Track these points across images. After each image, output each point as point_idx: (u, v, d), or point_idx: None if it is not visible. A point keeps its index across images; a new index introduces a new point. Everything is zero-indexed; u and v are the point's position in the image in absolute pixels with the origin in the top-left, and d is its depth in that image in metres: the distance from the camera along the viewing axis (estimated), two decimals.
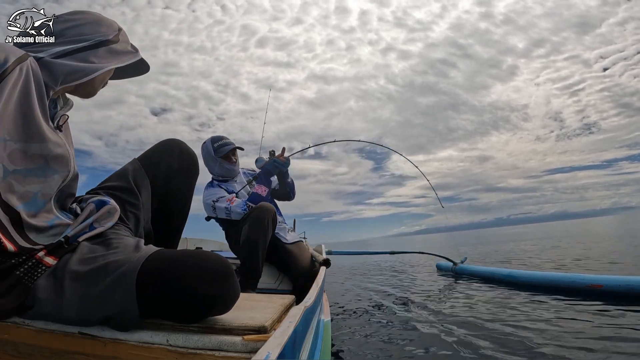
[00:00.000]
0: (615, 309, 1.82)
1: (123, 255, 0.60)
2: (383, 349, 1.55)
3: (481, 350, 1.40)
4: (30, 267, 0.58)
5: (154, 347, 0.52)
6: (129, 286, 0.55)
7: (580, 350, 1.29)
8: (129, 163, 0.86)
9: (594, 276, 2.38)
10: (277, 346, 0.38)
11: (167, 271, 0.57)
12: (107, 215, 0.72)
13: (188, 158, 0.93)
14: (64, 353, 0.55)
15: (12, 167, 0.57)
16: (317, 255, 1.92)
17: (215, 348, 0.52)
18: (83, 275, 0.57)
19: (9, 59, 0.55)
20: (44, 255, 0.59)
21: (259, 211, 1.63)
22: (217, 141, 1.90)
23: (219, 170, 1.93)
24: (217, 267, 0.58)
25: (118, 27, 0.74)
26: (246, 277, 1.56)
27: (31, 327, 0.57)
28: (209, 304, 0.57)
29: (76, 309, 0.55)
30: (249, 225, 1.60)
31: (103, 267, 0.58)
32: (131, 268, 0.56)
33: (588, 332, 1.50)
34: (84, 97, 0.74)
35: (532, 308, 2.02)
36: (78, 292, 0.56)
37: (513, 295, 2.47)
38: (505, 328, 1.66)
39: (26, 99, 0.58)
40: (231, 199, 1.79)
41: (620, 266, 3.32)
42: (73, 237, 0.64)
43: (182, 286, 0.56)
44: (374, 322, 2.07)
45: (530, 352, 1.33)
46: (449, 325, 1.83)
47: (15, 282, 0.56)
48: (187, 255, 0.59)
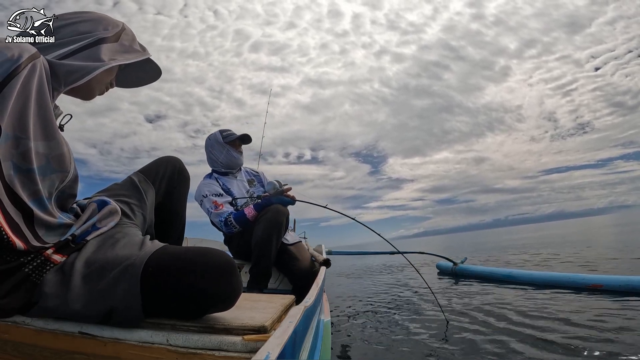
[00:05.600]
0: (616, 308, 1.82)
1: (129, 250, 0.61)
2: (383, 349, 1.55)
3: (481, 349, 1.40)
4: (38, 265, 0.58)
5: (154, 347, 0.52)
6: (134, 279, 0.55)
7: (581, 350, 1.30)
8: (132, 174, 0.88)
9: (594, 276, 2.38)
10: (277, 346, 0.38)
11: (173, 266, 0.58)
12: (108, 215, 0.72)
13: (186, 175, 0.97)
14: (64, 353, 0.55)
15: (25, 165, 0.57)
16: (317, 255, 1.92)
17: (215, 348, 0.52)
18: (90, 270, 0.58)
19: (23, 55, 0.55)
20: (52, 252, 0.60)
21: (274, 212, 1.62)
22: (225, 130, 1.97)
23: (223, 159, 1.92)
24: (222, 263, 0.58)
25: (122, 25, 0.72)
26: (258, 278, 1.55)
27: (31, 327, 0.57)
28: (214, 300, 0.58)
29: (82, 302, 0.55)
30: (263, 226, 1.59)
31: (110, 261, 0.58)
32: (137, 262, 0.57)
33: (588, 331, 1.50)
34: (84, 99, 0.73)
35: (532, 308, 2.02)
36: (85, 286, 0.56)
37: (513, 295, 2.47)
38: (506, 328, 1.66)
39: (41, 96, 0.58)
40: (219, 205, 1.79)
41: (621, 266, 3.32)
42: (79, 236, 0.65)
43: (188, 282, 0.56)
44: (374, 322, 2.07)
45: (532, 352, 1.33)
46: (448, 324, 1.83)
47: (23, 279, 0.56)
48: (193, 251, 0.60)
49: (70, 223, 0.66)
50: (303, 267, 1.73)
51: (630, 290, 2.08)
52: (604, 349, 1.27)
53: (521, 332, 1.58)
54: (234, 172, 2.00)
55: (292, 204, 1.81)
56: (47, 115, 0.59)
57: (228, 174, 1.98)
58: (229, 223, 1.73)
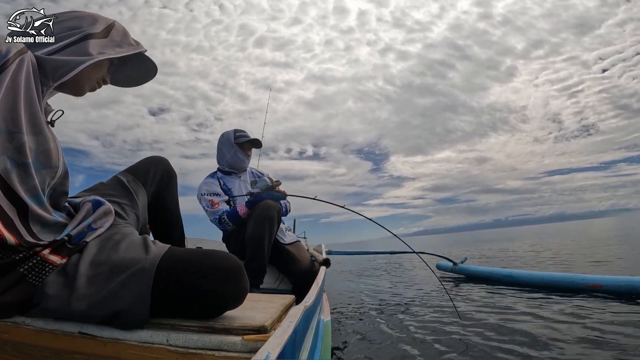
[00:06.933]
0: (616, 308, 1.82)
1: (135, 253, 0.61)
2: (383, 349, 1.55)
3: (482, 349, 1.40)
4: (34, 265, 0.57)
5: (154, 347, 0.52)
6: (146, 282, 0.56)
7: (582, 350, 1.30)
8: (118, 174, 0.86)
9: (594, 276, 2.38)
10: (277, 346, 0.38)
11: (184, 270, 0.58)
12: (103, 215, 0.71)
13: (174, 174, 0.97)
14: (64, 353, 0.55)
15: (21, 159, 0.57)
16: (317, 255, 1.92)
17: (215, 348, 0.52)
18: (97, 272, 0.58)
19: (11, 50, 0.56)
20: (48, 253, 0.59)
21: (264, 207, 1.62)
22: (239, 131, 1.99)
23: (230, 158, 1.93)
24: (231, 265, 0.60)
25: (112, 22, 0.72)
26: (252, 275, 1.55)
27: (31, 327, 0.56)
28: (225, 301, 0.59)
29: (87, 304, 0.55)
30: (254, 221, 1.59)
31: (116, 264, 0.58)
32: (148, 265, 0.57)
33: (588, 331, 1.50)
34: (75, 95, 0.72)
35: (532, 308, 2.02)
36: (90, 288, 0.56)
37: (513, 295, 2.47)
38: (506, 328, 1.66)
39: (28, 90, 0.58)
40: (215, 203, 1.81)
41: (622, 265, 3.32)
42: (76, 237, 0.64)
43: (198, 285, 0.57)
44: (374, 322, 2.07)
45: (533, 351, 1.33)
46: (448, 324, 1.83)
47: (18, 280, 0.56)
48: (201, 254, 0.61)
49: (64, 222, 0.65)
50: (303, 267, 1.73)
51: (630, 290, 2.08)
52: (604, 349, 1.27)
53: (522, 334, 1.58)
54: (238, 172, 2.01)
55: (283, 198, 1.82)
56: (34, 110, 0.59)
57: (232, 174, 1.99)
58: (222, 221, 1.75)
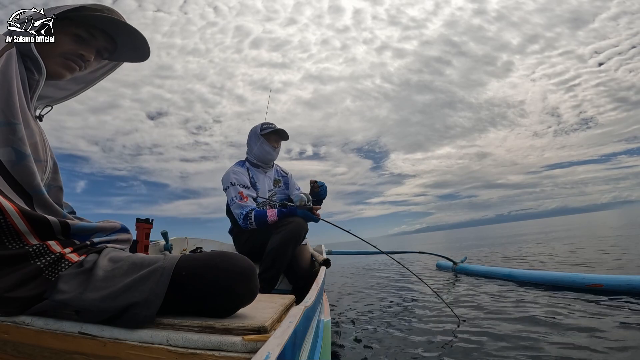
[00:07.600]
0: (616, 308, 1.82)
1: (154, 257, 0.63)
2: (383, 349, 1.55)
3: (482, 349, 1.40)
4: (53, 261, 0.59)
5: (154, 347, 0.52)
6: (164, 279, 0.57)
7: (582, 350, 1.30)
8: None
9: (595, 276, 2.38)
10: (277, 346, 0.38)
11: (202, 267, 0.61)
12: (125, 241, 0.76)
13: None
14: (64, 353, 0.55)
15: (26, 150, 0.59)
16: (317, 255, 1.92)
17: (215, 348, 0.51)
18: (117, 266, 0.60)
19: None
20: (69, 252, 0.61)
21: (296, 226, 1.62)
22: (266, 123, 1.99)
23: (257, 150, 1.93)
24: (245, 266, 0.63)
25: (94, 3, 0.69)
26: (264, 283, 1.55)
27: (31, 327, 0.56)
28: (239, 298, 0.62)
29: (102, 294, 0.55)
30: (281, 236, 1.59)
31: (138, 262, 0.61)
32: (167, 264, 0.59)
33: (588, 331, 1.50)
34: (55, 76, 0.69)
35: (532, 308, 2.02)
36: (108, 280, 0.57)
37: (513, 295, 2.47)
38: (507, 328, 1.66)
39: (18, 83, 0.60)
40: (244, 197, 1.79)
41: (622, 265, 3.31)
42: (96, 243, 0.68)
43: (216, 282, 0.59)
44: (374, 322, 2.07)
45: (533, 351, 1.33)
46: (449, 324, 1.83)
47: (35, 275, 0.56)
48: (217, 256, 0.63)
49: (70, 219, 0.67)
50: (303, 267, 1.73)
51: (630, 290, 2.08)
52: (604, 349, 1.27)
53: (522, 333, 1.58)
54: (265, 167, 2.00)
55: (316, 221, 1.81)
56: (21, 103, 0.61)
57: (259, 167, 1.98)
58: (248, 218, 1.73)
